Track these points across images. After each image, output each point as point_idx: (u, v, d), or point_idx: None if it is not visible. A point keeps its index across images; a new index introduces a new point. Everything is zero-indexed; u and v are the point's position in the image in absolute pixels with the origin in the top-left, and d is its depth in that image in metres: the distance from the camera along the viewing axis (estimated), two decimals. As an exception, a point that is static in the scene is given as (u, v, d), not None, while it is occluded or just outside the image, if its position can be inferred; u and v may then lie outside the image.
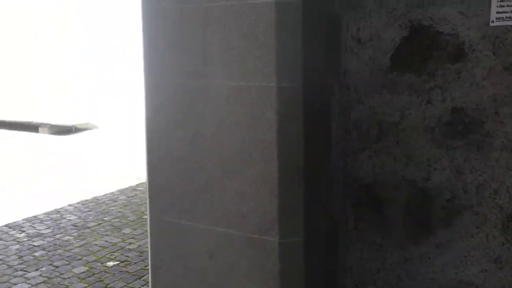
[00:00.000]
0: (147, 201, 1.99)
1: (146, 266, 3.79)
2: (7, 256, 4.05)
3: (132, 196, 5.48)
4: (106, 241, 4.33)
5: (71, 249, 4.19)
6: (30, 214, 5.05)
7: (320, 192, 1.87)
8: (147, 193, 1.97)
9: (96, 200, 5.42)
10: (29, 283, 3.56)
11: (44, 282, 3.60)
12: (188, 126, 1.85)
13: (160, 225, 1.94)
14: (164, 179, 1.91)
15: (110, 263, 3.91)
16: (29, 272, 3.73)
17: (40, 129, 9.39)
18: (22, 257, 4.04)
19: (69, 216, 4.97)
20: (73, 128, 9.42)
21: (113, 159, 7.73)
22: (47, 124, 9.35)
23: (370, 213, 1.98)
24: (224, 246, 1.80)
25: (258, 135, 1.74)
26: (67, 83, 10.25)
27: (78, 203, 5.37)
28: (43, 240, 4.37)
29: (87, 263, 3.89)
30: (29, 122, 9.56)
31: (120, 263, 3.90)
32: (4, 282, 3.57)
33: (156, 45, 1.91)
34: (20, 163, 7.69)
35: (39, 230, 4.60)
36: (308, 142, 1.78)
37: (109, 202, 5.34)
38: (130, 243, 4.27)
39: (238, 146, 1.77)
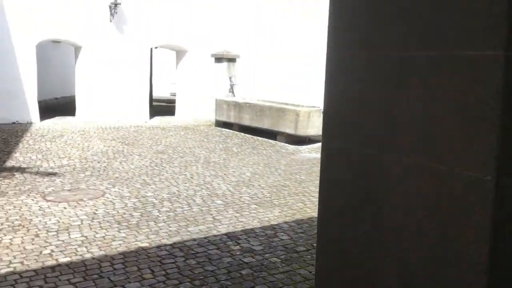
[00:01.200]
0: (314, 284, 1.65)
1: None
2: (218, 269, 4.21)
3: (347, 223, 5.16)
4: (311, 272, 4.13)
5: (275, 274, 4.12)
6: (249, 226, 5.22)
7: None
8: (315, 274, 1.63)
9: (310, 222, 5.30)
10: (225, 306, 3.59)
11: (239, 308, 3.58)
12: (363, 210, 1.43)
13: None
14: (332, 265, 1.54)
15: (308, 301, 3.69)
16: (230, 293, 3.77)
17: (278, 137, 9.93)
18: (230, 272, 4.14)
19: (282, 235, 4.95)
20: (307, 138, 9.64)
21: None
22: (285, 133, 9.80)
23: None
24: None
25: (461, 237, 1.22)
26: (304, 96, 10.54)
27: (293, 221, 5.34)
28: (253, 258, 4.42)
29: (286, 294, 3.75)
30: (270, 129, 10.20)
31: (318, 302, 3.65)
32: (206, 299, 3.68)
33: (337, 98, 1.54)
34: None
35: (252, 245, 4.68)
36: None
37: (323, 226, 5.15)
38: (333, 280, 3.98)
39: (426, 250, 1.28)
